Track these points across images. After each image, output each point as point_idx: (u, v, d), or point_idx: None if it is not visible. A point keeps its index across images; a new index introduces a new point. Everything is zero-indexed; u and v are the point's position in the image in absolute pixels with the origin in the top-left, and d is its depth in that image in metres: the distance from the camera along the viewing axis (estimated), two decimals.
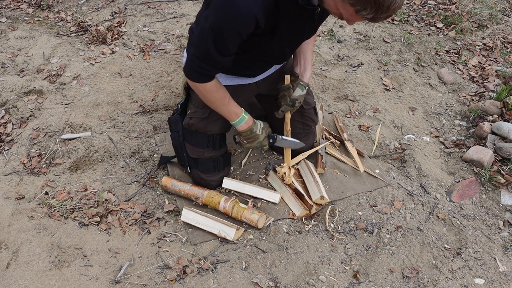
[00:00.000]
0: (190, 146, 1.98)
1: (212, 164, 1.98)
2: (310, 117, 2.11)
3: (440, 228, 1.94)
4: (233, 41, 1.49)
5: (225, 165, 2.05)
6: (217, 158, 1.98)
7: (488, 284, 1.74)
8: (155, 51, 3.02)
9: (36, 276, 1.67)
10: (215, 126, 1.92)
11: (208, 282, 1.68)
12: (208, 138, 1.93)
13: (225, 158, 2.03)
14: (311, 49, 1.95)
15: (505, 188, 2.09)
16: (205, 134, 1.93)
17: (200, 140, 1.94)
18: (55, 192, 2.01)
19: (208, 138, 1.93)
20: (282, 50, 1.76)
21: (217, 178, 2.02)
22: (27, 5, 3.54)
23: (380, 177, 2.13)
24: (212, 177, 2.00)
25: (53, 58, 2.88)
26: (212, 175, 2.00)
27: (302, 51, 1.93)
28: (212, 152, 1.97)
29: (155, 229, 1.87)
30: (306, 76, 1.94)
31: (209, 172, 1.99)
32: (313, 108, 2.13)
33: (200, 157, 1.96)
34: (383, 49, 3.15)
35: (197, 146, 1.95)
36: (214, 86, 1.66)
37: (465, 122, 2.55)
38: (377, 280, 1.73)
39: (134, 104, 2.56)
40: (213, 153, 1.97)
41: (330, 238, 1.87)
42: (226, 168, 2.06)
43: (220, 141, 1.97)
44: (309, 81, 1.96)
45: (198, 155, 1.97)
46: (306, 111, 2.08)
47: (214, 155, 1.97)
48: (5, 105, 2.51)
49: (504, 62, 3.10)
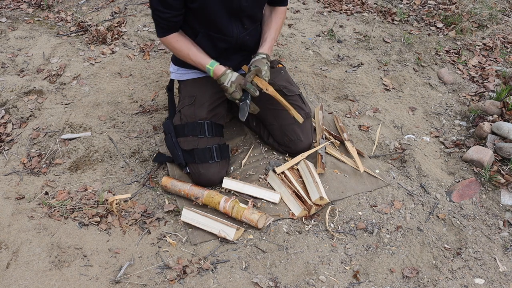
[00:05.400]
0: (183, 139, 2.03)
1: (208, 153, 1.99)
2: (297, 105, 2.12)
3: (440, 228, 1.94)
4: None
5: (223, 155, 2.03)
6: (213, 147, 1.99)
7: (488, 284, 1.74)
8: (155, 51, 3.02)
9: (36, 276, 1.67)
10: (202, 111, 2.04)
11: (208, 282, 1.68)
12: (199, 125, 2.02)
13: (221, 148, 2.03)
14: (276, 25, 2.09)
15: (505, 188, 2.09)
16: (195, 122, 2.02)
17: (192, 129, 2.02)
18: (55, 192, 2.01)
19: (200, 125, 2.02)
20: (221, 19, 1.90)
21: (216, 169, 2.00)
22: (27, 5, 3.54)
23: (380, 177, 2.13)
24: (210, 169, 1.98)
25: (53, 58, 2.88)
26: (209, 166, 1.98)
27: (266, 30, 2.08)
28: (206, 140, 2.00)
29: (155, 229, 1.88)
30: (263, 47, 2.05)
31: (206, 162, 1.98)
32: (298, 95, 2.16)
33: (196, 147, 1.99)
34: (383, 49, 3.15)
35: (190, 135, 2.01)
36: (174, 37, 1.94)
37: (465, 122, 2.55)
38: (377, 280, 1.73)
39: (134, 104, 2.56)
40: (207, 141, 2.00)
41: (330, 238, 1.87)
42: (224, 160, 2.05)
43: (212, 128, 2.02)
44: (270, 52, 2.06)
45: (193, 146, 1.99)
46: (290, 98, 2.10)
47: (209, 143, 2.00)
48: (5, 105, 2.51)
49: (504, 62, 3.10)
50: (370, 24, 3.49)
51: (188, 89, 2.11)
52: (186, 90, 2.12)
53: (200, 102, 2.05)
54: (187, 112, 2.04)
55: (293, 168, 2.11)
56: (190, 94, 2.08)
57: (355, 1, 3.88)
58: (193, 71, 2.12)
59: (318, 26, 3.40)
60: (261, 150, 2.25)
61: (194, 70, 2.11)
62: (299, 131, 2.11)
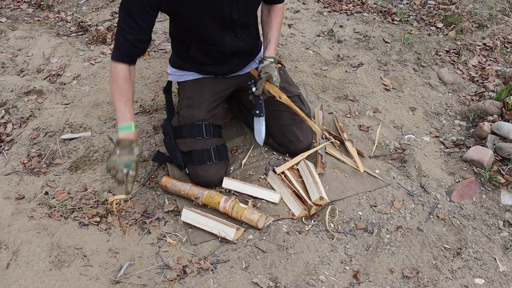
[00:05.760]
0: (181, 140, 2.02)
1: (206, 154, 1.98)
2: (296, 105, 2.11)
3: (440, 228, 1.94)
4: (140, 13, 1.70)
5: (221, 156, 2.03)
6: (210, 148, 1.99)
7: (488, 284, 1.74)
8: (155, 51, 3.02)
9: (36, 276, 1.67)
10: (199, 112, 2.02)
11: (208, 282, 1.68)
12: (197, 127, 2.00)
13: (219, 149, 2.02)
14: (277, 24, 2.04)
15: (505, 188, 2.09)
16: (193, 124, 2.00)
17: (189, 130, 2.01)
18: (55, 192, 2.01)
19: (197, 126, 2.00)
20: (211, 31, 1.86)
21: (214, 170, 1.99)
22: (27, 5, 3.54)
23: (380, 177, 2.13)
24: (208, 170, 1.98)
25: (53, 58, 2.88)
26: (207, 167, 1.98)
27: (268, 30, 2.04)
28: (204, 141, 1.99)
29: (155, 229, 1.88)
30: (269, 50, 2.01)
31: (204, 163, 1.98)
32: (297, 96, 2.16)
33: (193, 149, 1.98)
34: (383, 49, 3.15)
35: (187, 136, 2.00)
36: (123, 70, 1.78)
37: (465, 122, 2.55)
38: (377, 280, 1.73)
39: (134, 104, 2.56)
40: (205, 143, 1.99)
41: (330, 238, 1.87)
42: (223, 161, 2.05)
43: (210, 129, 2.01)
44: (274, 54, 2.02)
45: (191, 147, 1.99)
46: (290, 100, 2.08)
47: (207, 145, 1.99)
48: (5, 105, 2.51)
49: (504, 62, 3.10)
50: (370, 24, 3.49)
51: (186, 90, 2.10)
52: (184, 91, 2.11)
53: (198, 104, 2.04)
54: (185, 114, 2.03)
55: (293, 168, 2.11)
56: (188, 96, 2.07)
57: (355, 1, 3.88)
58: (191, 73, 2.10)
59: (318, 26, 3.40)
60: (261, 150, 2.25)
61: (192, 72, 2.10)
62: (298, 132, 2.11)
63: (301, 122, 2.12)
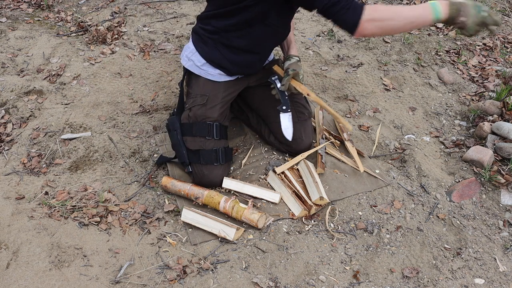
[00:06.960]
0: (190, 138, 2.00)
1: (214, 155, 1.98)
2: (301, 103, 2.16)
3: (440, 228, 1.94)
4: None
5: (227, 158, 2.04)
6: (219, 149, 1.99)
7: (488, 284, 1.74)
8: (155, 51, 3.02)
9: (36, 276, 1.67)
10: (214, 112, 1.99)
11: (208, 282, 1.68)
12: (208, 127, 1.98)
13: (226, 151, 2.03)
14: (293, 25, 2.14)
15: (505, 188, 2.09)
16: (205, 123, 1.98)
17: (201, 129, 1.98)
18: (55, 192, 2.01)
19: (209, 126, 1.98)
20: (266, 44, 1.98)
21: (219, 172, 2.00)
22: (27, 5, 3.54)
23: (380, 177, 2.13)
24: (214, 171, 1.99)
25: (53, 58, 2.88)
26: (214, 168, 1.98)
27: None
28: (213, 142, 1.99)
29: (155, 229, 1.88)
30: (292, 49, 2.10)
31: (211, 164, 1.98)
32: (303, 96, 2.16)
33: (202, 148, 1.97)
34: (383, 49, 3.15)
35: (198, 135, 1.98)
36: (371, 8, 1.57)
37: (465, 122, 2.55)
38: (377, 280, 1.73)
39: (134, 104, 2.56)
40: (214, 143, 1.99)
41: (330, 238, 1.87)
42: (227, 163, 2.06)
43: (220, 131, 2.00)
44: (296, 53, 2.11)
45: (199, 146, 1.98)
46: (296, 97, 2.13)
47: (216, 146, 1.99)
48: (5, 105, 2.51)
49: (504, 62, 3.10)
50: None
51: (200, 86, 2.02)
52: (199, 87, 2.02)
53: (212, 103, 2.00)
54: (198, 112, 1.99)
55: (293, 168, 2.11)
56: (202, 93, 2.00)
57: None
58: (219, 72, 1.99)
59: (318, 26, 3.40)
60: (261, 150, 2.25)
61: (219, 71, 1.99)
62: (302, 130, 2.12)
63: (304, 120, 2.14)
